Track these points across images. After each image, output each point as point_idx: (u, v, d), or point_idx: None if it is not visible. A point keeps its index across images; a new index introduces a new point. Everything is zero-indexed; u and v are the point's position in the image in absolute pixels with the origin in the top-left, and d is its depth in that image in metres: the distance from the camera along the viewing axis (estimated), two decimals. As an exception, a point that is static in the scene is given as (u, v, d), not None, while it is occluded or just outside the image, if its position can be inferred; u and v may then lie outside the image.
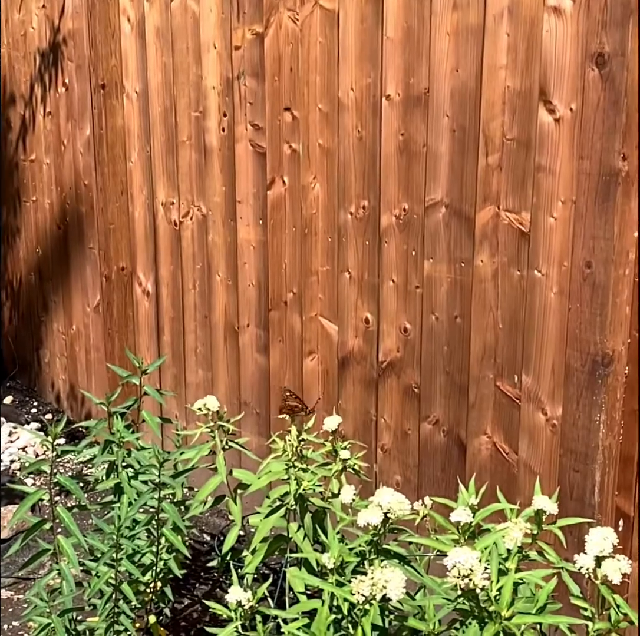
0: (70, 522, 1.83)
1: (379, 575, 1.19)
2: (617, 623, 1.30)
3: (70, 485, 1.84)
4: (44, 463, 1.85)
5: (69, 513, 1.84)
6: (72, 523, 1.83)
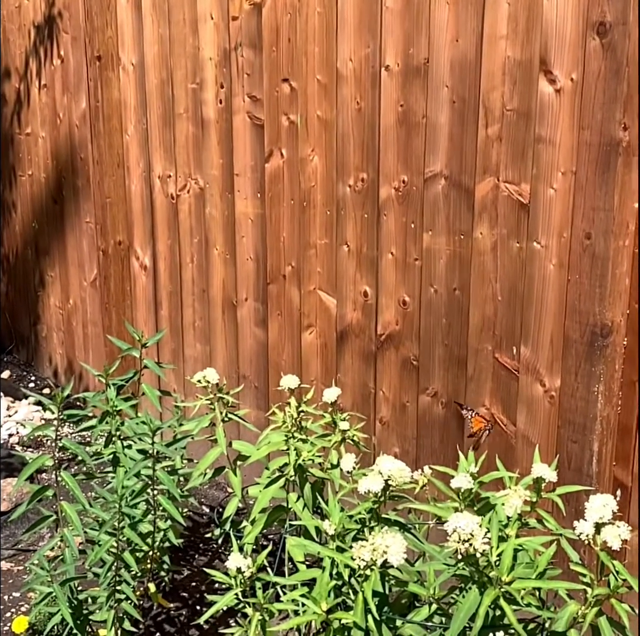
0: (74, 487, 1.83)
1: (379, 540, 1.20)
2: (617, 589, 1.31)
3: (76, 448, 1.85)
4: (48, 427, 1.85)
5: (73, 479, 1.85)
6: (76, 488, 1.84)
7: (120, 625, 1.95)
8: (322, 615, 1.27)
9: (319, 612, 1.27)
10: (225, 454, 2.08)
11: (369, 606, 1.23)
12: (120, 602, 1.89)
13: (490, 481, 1.70)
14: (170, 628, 2.28)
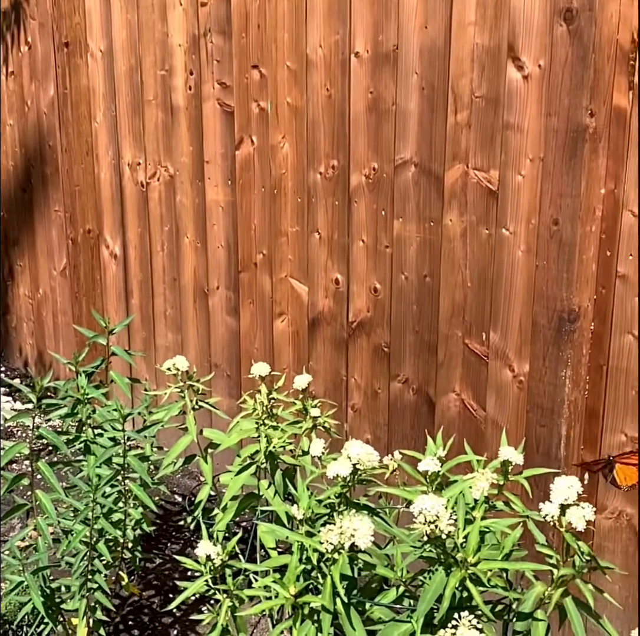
0: (50, 476, 1.82)
1: (347, 523, 1.21)
2: (582, 569, 1.33)
3: (52, 438, 1.83)
4: (25, 416, 1.83)
5: (49, 468, 1.84)
6: (52, 477, 1.83)
7: (93, 614, 1.94)
8: (291, 598, 1.27)
9: (288, 596, 1.27)
10: (196, 442, 2.08)
11: (337, 590, 1.24)
12: (92, 591, 1.89)
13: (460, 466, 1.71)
14: (143, 617, 2.27)
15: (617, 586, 2.00)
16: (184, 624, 2.24)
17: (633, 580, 1.97)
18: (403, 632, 1.29)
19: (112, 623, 2.19)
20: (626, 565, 1.97)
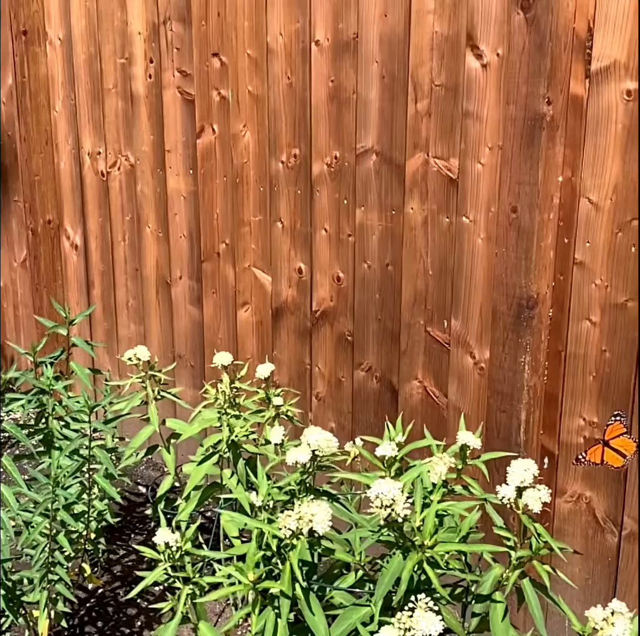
0: (13, 470, 1.80)
1: (305, 509, 1.21)
2: (538, 551, 1.35)
3: (16, 432, 1.81)
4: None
5: (12, 462, 1.82)
6: (15, 471, 1.81)
7: (54, 605, 1.93)
8: (249, 585, 1.27)
9: (246, 582, 1.27)
10: (159, 432, 2.07)
11: (296, 576, 1.24)
12: (53, 583, 1.87)
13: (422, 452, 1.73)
14: (107, 608, 2.26)
15: (577, 568, 2.03)
16: (148, 615, 2.23)
17: (592, 563, 2.00)
18: (362, 616, 1.30)
19: (76, 615, 2.17)
20: (586, 547, 2.00)
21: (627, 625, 1.16)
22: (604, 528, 1.95)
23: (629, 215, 1.79)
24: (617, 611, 1.17)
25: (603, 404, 1.90)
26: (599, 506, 1.95)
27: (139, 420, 2.12)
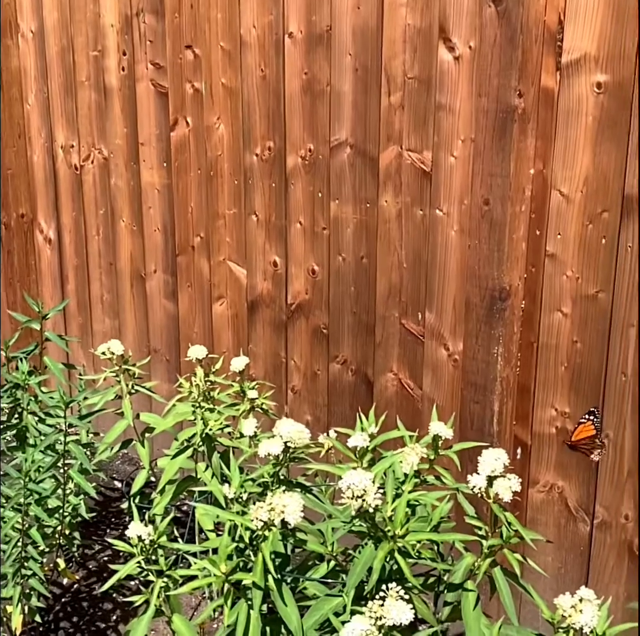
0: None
1: (277, 500, 1.21)
2: (509, 539, 1.36)
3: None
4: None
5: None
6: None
7: (28, 601, 1.92)
8: (221, 576, 1.28)
9: (218, 574, 1.27)
10: (133, 426, 2.06)
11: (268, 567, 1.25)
12: (27, 578, 1.86)
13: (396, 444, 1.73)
14: (82, 603, 2.25)
15: (550, 557, 2.05)
16: (124, 609, 2.23)
17: (564, 552, 2.02)
18: (335, 606, 1.31)
19: (51, 610, 2.16)
20: (558, 537, 2.02)
21: (595, 612, 1.18)
22: (576, 517, 1.97)
23: (600, 207, 1.81)
24: (586, 598, 1.19)
25: (574, 395, 1.92)
26: (571, 495, 1.97)
27: (115, 415, 2.10)
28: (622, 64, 1.73)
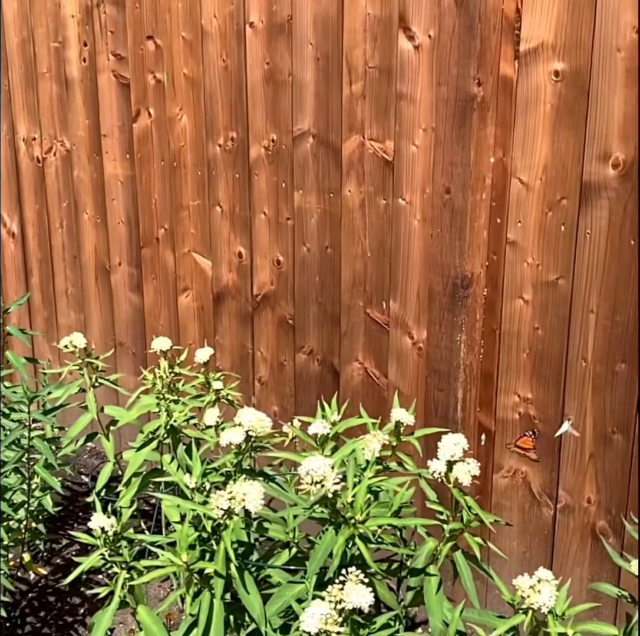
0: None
1: (237, 488, 1.22)
2: (469, 523, 1.38)
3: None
4: None
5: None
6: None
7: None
8: (183, 566, 1.28)
9: (180, 563, 1.28)
10: (97, 419, 2.05)
11: (229, 555, 1.25)
12: (-9, 574, 1.85)
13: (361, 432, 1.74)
14: (49, 598, 2.24)
15: (515, 542, 2.07)
16: (92, 603, 2.22)
17: (529, 536, 2.04)
18: (297, 593, 1.31)
19: (18, 606, 2.15)
20: (523, 521, 2.04)
21: (553, 592, 1.20)
22: (540, 501, 2.00)
23: (559, 194, 1.83)
24: (544, 579, 1.20)
25: (537, 380, 1.94)
26: (534, 480, 1.99)
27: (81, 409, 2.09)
28: (578, 52, 1.74)
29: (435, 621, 1.33)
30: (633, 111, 1.69)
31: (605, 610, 1.95)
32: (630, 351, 1.79)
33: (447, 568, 1.45)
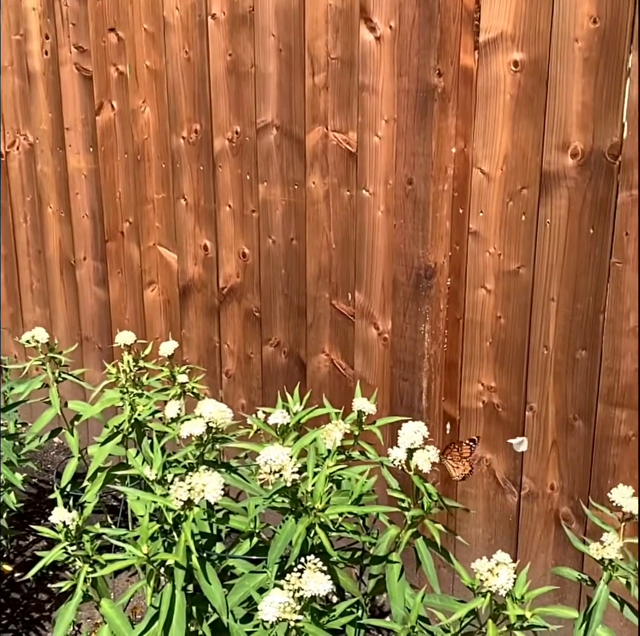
0: None
1: (196, 479, 1.22)
2: (429, 510, 1.39)
3: None
4: None
5: None
6: None
7: (-43, 595, 1.89)
8: (143, 557, 1.27)
9: (140, 555, 1.27)
10: (61, 415, 2.03)
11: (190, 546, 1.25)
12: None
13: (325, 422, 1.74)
14: (16, 594, 2.22)
15: (481, 529, 2.09)
16: (58, 598, 2.20)
17: (494, 524, 2.06)
18: (259, 583, 1.32)
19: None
20: (488, 509, 2.06)
21: (511, 575, 1.21)
22: (505, 489, 2.02)
23: (519, 184, 1.84)
24: (501, 562, 1.22)
25: (500, 369, 1.96)
26: (499, 467, 2.01)
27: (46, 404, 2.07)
28: (537, 43, 1.76)
29: (396, 607, 1.34)
30: (591, 101, 1.71)
31: (570, 595, 1.98)
32: (590, 338, 1.81)
33: (412, 555, 1.46)
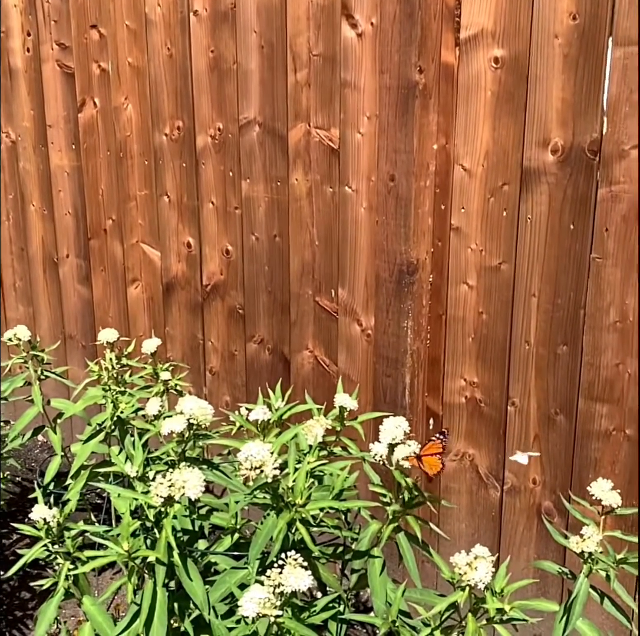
0: None
1: (177, 476, 1.22)
2: (410, 504, 1.39)
3: None
4: None
5: None
6: None
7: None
8: (124, 554, 1.27)
9: (122, 552, 1.27)
10: (44, 413, 2.03)
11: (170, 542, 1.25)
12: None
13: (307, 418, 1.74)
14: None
15: (464, 524, 2.10)
16: (41, 597, 2.20)
17: (477, 518, 2.07)
18: (240, 578, 1.32)
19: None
20: (471, 503, 2.07)
21: (489, 568, 1.22)
22: (487, 483, 2.03)
23: (500, 180, 1.85)
24: (480, 555, 1.22)
25: (482, 364, 1.96)
26: (481, 462, 2.02)
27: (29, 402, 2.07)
28: (517, 39, 1.76)
29: (378, 602, 1.35)
30: (571, 97, 1.72)
31: (552, 589, 1.99)
32: (571, 333, 1.82)
33: (396, 551, 1.47)
